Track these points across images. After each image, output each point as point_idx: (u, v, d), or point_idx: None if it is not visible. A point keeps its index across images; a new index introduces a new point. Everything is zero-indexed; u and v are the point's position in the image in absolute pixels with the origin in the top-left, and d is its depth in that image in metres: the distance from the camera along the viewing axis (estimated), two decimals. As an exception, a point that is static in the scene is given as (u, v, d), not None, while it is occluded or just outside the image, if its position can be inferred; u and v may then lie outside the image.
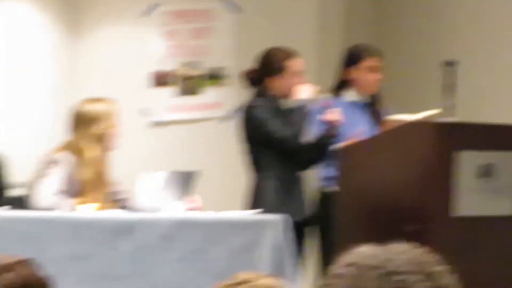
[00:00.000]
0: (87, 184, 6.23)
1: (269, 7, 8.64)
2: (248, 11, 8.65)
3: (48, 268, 2.87)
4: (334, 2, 8.73)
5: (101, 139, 6.36)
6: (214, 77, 8.79)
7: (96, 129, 6.29)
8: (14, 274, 2.74)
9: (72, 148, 6.24)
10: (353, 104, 6.75)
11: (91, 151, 6.30)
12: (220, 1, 8.80)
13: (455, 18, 8.73)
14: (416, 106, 6.64)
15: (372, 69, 6.69)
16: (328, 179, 6.69)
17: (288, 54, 6.72)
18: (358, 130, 6.51)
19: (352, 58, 6.78)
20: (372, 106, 6.79)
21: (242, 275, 2.58)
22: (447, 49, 8.20)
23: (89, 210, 5.94)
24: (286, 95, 6.64)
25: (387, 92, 7.00)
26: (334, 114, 6.48)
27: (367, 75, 6.70)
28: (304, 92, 6.56)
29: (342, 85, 6.77)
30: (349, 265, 2.21)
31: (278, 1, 8.62)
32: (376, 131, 6.59)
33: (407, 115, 6.38)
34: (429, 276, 2.19)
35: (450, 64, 6.17)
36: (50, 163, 6.11)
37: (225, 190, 7.84)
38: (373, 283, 2.16)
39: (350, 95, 6.75)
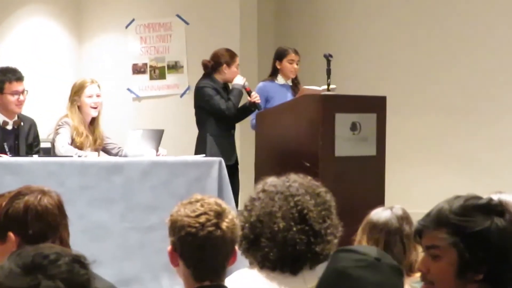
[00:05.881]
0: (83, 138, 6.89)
1: (210, 21, 9.85)
2: (194, 23, 10.02)
3: (65, 195, 3.15)
4: (251, 23, 9.88)
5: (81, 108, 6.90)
6: (173, 67, 10.19)
7: (77, 100, 6.89)
8: (48, 196, 3.00)
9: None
10: (283, 85, 8.07)
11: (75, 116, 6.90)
12: (175, 16, 10.15)
13: (331, 25, 10.11)
14: (314, 82, 8.00)
15: (291, 62, 8.05)
16: None
17: (231, 54, 8.02)
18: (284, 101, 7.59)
19: (279, 54, 8.13)
20: (293, 86, 8.07)
21: (197, 196, 2.77)
22: (327, 46, 9.52)
23: (92, 156, 6.66)
24: (228, 80, 7.98)
25: (300, 74, 8.21)
26: (255, 96, 7.85)
27: (288, 66, 8.05)
28: (238, 79, 7.95)
29: (274, 72, 8.10)
30: (261, 191, 2.68)
31: (217, 16, 9.75)
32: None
33: (314, 86, 7.66)
34: (316, 195, 2.64)
35: (328, 56, 7.56)
36: (61, 124, 6.91)
37: (181, 142, 8.83)
38: (279, 203, 2.60)
39: (280, 79, 8.09)
